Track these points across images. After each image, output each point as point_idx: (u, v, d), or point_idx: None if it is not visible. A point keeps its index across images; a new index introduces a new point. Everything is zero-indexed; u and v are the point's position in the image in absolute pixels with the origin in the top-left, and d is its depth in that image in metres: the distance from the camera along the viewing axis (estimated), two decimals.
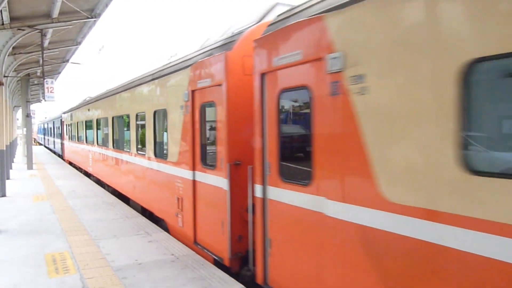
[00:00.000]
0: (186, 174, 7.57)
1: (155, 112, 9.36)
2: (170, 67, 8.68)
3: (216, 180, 6.50)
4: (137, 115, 10.78)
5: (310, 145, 4.40)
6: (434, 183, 3.04)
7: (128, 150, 11.83)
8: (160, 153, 9.22)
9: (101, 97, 16.24)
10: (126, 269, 6.38)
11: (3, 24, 12.32)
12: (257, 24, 6.46)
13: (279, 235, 5.01)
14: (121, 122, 12.84)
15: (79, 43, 17.68)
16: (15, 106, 32.91)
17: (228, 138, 6.14)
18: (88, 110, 18.87)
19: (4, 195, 13.41)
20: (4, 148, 13.61)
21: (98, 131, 16.55)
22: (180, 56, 8.59)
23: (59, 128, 33.85)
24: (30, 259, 6.93)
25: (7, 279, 6.01)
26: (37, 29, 13.46)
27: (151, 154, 9.63)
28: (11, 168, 21.17)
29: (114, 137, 13.81)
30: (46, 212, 10.75)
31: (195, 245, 7.30)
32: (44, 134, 53.96)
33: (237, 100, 6.16)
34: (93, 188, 15.27)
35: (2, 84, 13.86)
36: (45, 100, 20.24)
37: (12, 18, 12.49)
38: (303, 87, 4.55)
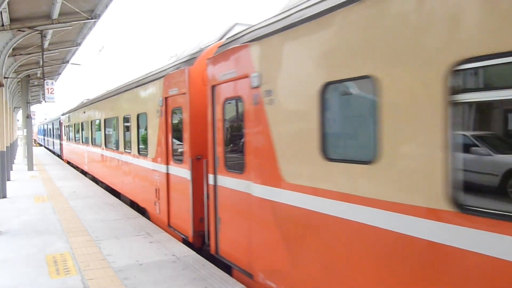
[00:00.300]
0: (162, 168, 8.92)
1: (138, 115, 10.67)
2: (149, 76, 10.02)
3: (183, 172, 7.81)
4: (124, 118, 12.12)
5: (243, 142, 5.66)
6: (309, 168, 4.41)
7: (117, 149, 13.09)
8: (142, 150, 10.46)
9: (95, 101, 17.47)
10: (127, 270, 6.38)
11: (3, 25, 12.33)
12: (215, 43, 7.58)
13: (225, 214, 6.31)
14: (111, 124, 14.09)
15: (79, 44, 17.69)
16: (15, 107, 32.93)
17: (191, 137, 7.45)
18: (84, 112, 20.07)
19: (5, 196, 13.42)
20: (5, 150, 13.61)
21: (92, 132, 17.93)
22: (157, 68, 9.95)
23: (57, 129, 35.02)
24: (31, 260, 6.93)
25: (8, 280, 6.01)
26: (37, 30, 13.46)
27: (135, 152, 10.94)
28: (11, 169, 21.19)
29: (106, 138, 15.12)
30: (47, 213, 10.75)
31: (169, 227, 8.65)
32: (44, 135, 55.66)
33: (198, 106, 7.40)
34: (94, 189, 15.28)
35: (2, 85, 13.87)
36: (45, 101, 20.22)
37: (12, 19, 12.49)
38: (238, 98, 5.83)
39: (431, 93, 3.06)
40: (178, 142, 8.17)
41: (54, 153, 40.13)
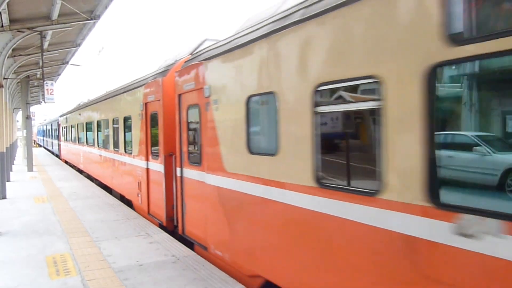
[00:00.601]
0: (143, 164, 10.37)
1: (124, 118, 12.08)
2: (133, 83, 11.52)
3: (158, 167, 9.24)
4: (113, 120, 13.60)
5: (200, 141, 7.09)
6: (241, 160, 5.74)
7: (108, 148, 14.53)
8: (128, 149, 11.82)
9: (89, 104, 19.03)
10: (127, 270, 6.38)
11: (2, 26, 12.32)
12: (186, 57, 8.61)
13: (189, 200, 7.70)
14: (103, 125, 15.59)
15: (79, 45, 17.69)
16: (15, 108, 32.90)
17: (164, 137, 8.85)
18: (79, 114, 21.80)
19: (4, 197, 13.41)
20: (4, 150, 13.61)
21: (87, 133, 19.43)
22: (139, 77, 11.47)
23: (56, 130, 36.28)
24: (31, 260, 6.93)
25: (8, 281, 6.01)
26: (36, 31, 13.46)
27: (122, 150, 12.38)
28: (11, 170, 21.18)
29: (99, 138, 16.58)
30: (47, 214, 10.76)
31: (149, 215, 10.11)
32: (43, 136, 57.98)
33: (170, 111, 8.67)
34: (94, 189, 15.28)
35: (2, 86, 13.87)
36: (45, 102, 20.23)
37: (12, 20, 12.49)
38: (196, 105, 7.18)
39: (305, 106, 4.42)
40: (154, 142, 9.61)
41: (52, 153, 40.93)
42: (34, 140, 63.03)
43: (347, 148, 4.26)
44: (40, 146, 62.47)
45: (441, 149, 3.21)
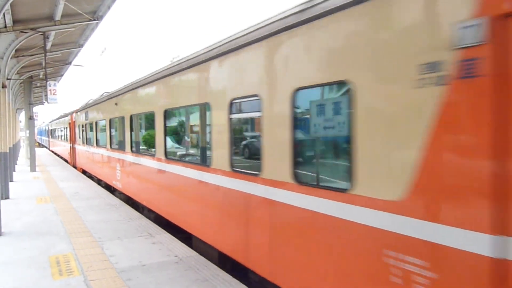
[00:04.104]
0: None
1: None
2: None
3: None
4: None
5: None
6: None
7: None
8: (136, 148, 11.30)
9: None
10: (130, 270, 6.38)
11: (6, 26, 12.36)
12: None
13: None
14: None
15: (82, 46, 17.72)
16: (18, 109, 33.01)
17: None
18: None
19: (7, 197, 13.44)
20: (7, 151, 13.64)
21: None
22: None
23: (49, 130, 45.63)
24: (34, 261, 6.94)
25: (11, 281, 6.02)
26: (39, 31, 13.49)
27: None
28: (14, 171, 21.23)
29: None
30: (50, 214, 10.77)
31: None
32: (41, 135, 68.81)
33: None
34: (97, 189, 15.30)
35: (5, 87, 13.90)
36: (48, 102, 20.22)
37: (15, 21, 12.53)
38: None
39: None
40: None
41: (47, 148, 50.70)
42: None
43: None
44: (39, 144, 64.57)
45: None
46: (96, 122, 16.97)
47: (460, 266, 2.86)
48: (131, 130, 11.46)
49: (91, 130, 18.05)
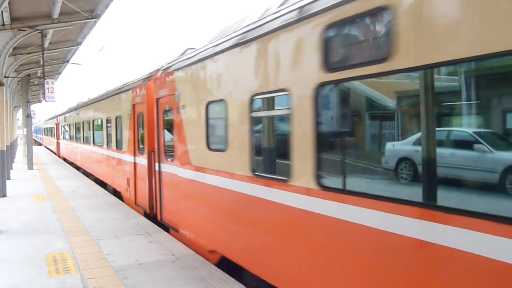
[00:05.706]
0: (130, 158, 11.60)
1: (116, 118, 13.32)
2: (123, 87, 12.78)
3: (143, 161, 10.42)
4: (107, 119, 15.02)
5: (174, 139, 8.12)
6: (203, 155, 6.74)
7: (102, 145, 16.13)
8: (119, 145, 13.08)
9: (83, 105, 21.14)
10: (127, 269, 6.39)
11: (3, 24, 12.33)
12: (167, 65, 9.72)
13: (165, 191, 8.78)
14: (98, 124, 17.29)
15: (80, 44, 17.71)
16: (15, 107, 32.92)
17: (148, 135, 10.05)
18: (77, 114, 23.34)
19: (4, 195, 13.43)
20: (5, 149, 13.62)
21: (83, 131, 21.86)
22: (128, 81, 12.95)
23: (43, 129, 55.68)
24: (31, 259, 6.95)
25: (8, 279, 6.03)
26: (37, 29, 13.48)
27: (114, 147, 13.76)
28: (11, 168, 21.18)
29: (68, 135, 21.13)
30: (47, 212, 10.77)
31: (135, 205, 11.25)
32: (36, 133, 76.50)
33: (152, 112, 9.62)
34: (94, 188, 15.30)
35: (3, 85, 13.87)
36: (45, 101, 20.22)
37: (13, 19, 12.50)
38: (171, 108, 8.25)
39: (245, 111, 5.39)
40: (141, 139, 10.77)
41: (40, 144, 57.25)
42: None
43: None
44: (35, 141, 66.12)
45: None
46: (69, 124, 25.91)
47: None
48: (83, 130, 19.65)
49: (68, 130, 27.20)
